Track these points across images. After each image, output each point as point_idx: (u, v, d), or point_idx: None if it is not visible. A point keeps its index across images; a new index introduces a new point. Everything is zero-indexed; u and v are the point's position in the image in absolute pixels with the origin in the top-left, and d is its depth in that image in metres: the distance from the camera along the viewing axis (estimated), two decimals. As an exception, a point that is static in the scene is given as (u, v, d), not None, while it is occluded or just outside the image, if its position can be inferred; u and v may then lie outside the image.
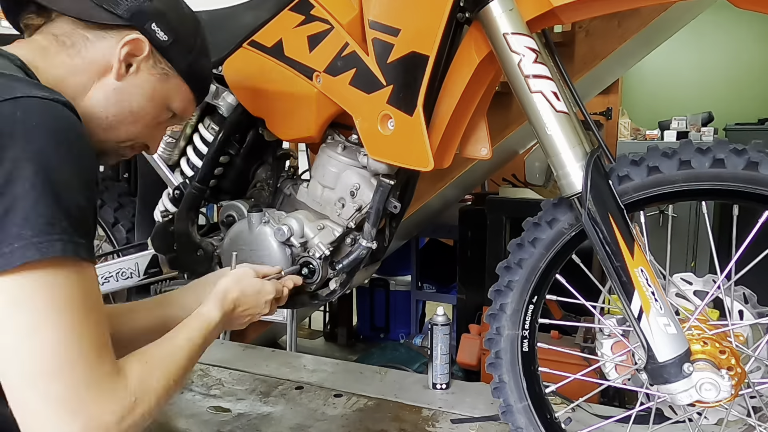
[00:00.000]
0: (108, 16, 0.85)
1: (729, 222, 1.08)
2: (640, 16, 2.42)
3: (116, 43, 0.85)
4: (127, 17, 0.85)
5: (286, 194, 1.41)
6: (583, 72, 2.55)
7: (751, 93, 5.09)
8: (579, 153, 1.02)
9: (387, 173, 1.20)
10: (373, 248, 1.26)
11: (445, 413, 1.62)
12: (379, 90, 1.11)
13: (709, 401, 1.01)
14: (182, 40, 0.93)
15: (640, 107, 5.32)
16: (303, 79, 1.19)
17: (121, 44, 0.85)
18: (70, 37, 0.84)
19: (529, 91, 1.01)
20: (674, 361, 0.99)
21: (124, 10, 0.85)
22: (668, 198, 1.07)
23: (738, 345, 1.06)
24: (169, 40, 0.90)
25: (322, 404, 1.67)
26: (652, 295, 1.00)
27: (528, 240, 1.18)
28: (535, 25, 1.04)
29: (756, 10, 0.95)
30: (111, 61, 0.86)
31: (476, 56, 1.08)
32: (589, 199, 1.01)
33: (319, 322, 4.04)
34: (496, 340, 1.24)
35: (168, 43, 0.90)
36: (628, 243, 1.01)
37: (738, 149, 1.01)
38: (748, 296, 1.15)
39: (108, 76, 0.86)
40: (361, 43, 1.14)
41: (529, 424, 1.23)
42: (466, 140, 1.22)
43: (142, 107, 0.91)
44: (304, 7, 1.19)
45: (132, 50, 0.86)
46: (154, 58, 0.90)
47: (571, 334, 2.23)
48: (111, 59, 0.85)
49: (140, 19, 0.87)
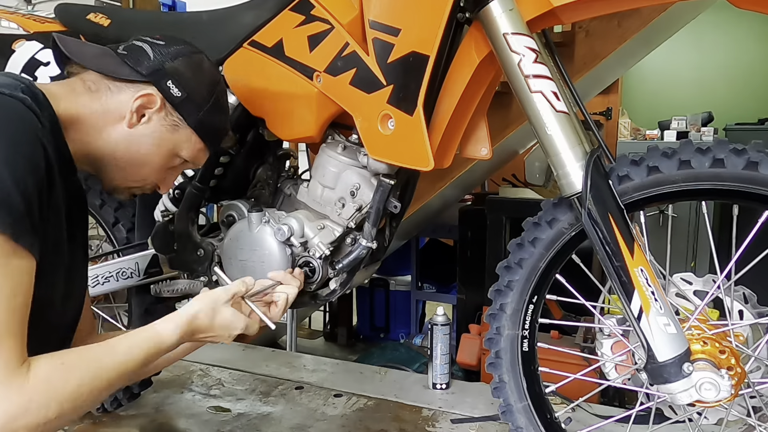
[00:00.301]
0: (130, 73, 0.97)
1: (729, 222, 1.08)
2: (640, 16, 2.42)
3: (132, 95, 0.96)
4: (146, 74, 0.97)
5: (286, 194, 1.41)
6: (583, 72, 2.55)
7: (751, 93, 5.09)
8: (579, 153, 1.02)
9: (387, 173, 1.20)
10: (373, 248, 1.26)
11: (445, 413, 1.62)
12: (380, 90, 1.11)
13: (709, 401, 1.01)
14: (194, 97, 1.02)
15: (640, 107, 5.32)
16: (303, 79, 1.19)
17: (135, 97, 0.96)
18: (96, 84, 0.96)
19: (529, 91, 1.02)
20: (674, 361, 1.00)
21: (144, 68, 0.97)
22: (668, 198, 1.07)
23: (738, 345, 1.06)
24: (182, 96, 1.00)
25: (322, 404, 1.67)
26: (652, 295, 1.00)
27: (528, 240, 1.18)
28: (535, 25, 1.04)
29: (756, 10, 0.95)
30: (124, 111, 0.96)
31: (476, 56, 1.08)
32: (589, 198, 1.01)
33: (319, 322, 4.04)
34: (496, 340, 1.24)
35: (180, 99, 1.00)
36: (628, 243, 1.01)
37: (738, 149, 1.01)
38: (748, 296, 1.15)
39: (121, 123, 0.96)
40: (362, 43, 1.14)
41: (529, 424, 1.23)
42: (466, 140, 1.22)
43: (151, 153, 1.00)
44: (305, 7, 1.19)
45: (144, 103, 0.97)
46: (165, 110, 1.00)
47: (571, 334, 2.23)
48: (125, 109, 0.96)
49: (157, 77, 0.98)
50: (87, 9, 1.44)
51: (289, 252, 1.27)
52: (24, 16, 1.49)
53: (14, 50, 1.42)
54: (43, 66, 1.40)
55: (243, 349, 2.11)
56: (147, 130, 0.99)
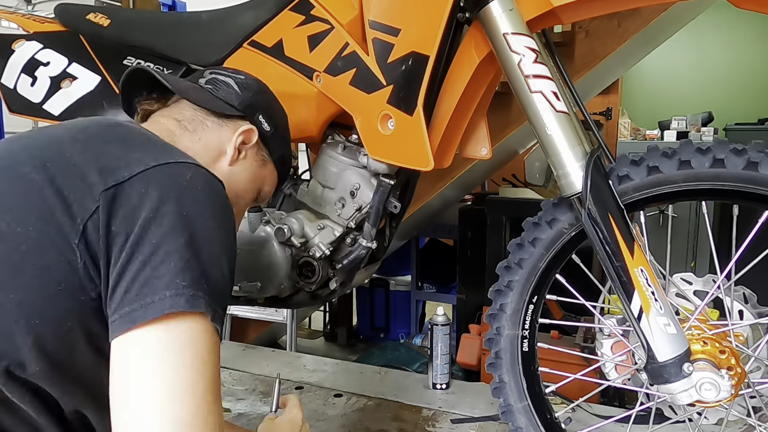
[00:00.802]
0: (226, 107, 0.95)
1: (729, 222, 1.08)
2: (640, 16, 2.42)
3: (232, 132, 0.94)
4: (241, 109, 0.96)
5: (286, 194, 1.41)
6: (583, 72, 2.55)
7: (751, 93, 5.09)
8: (579, 153, 1.02)
9: (387, 173, 1.20)
10: (373, 248, 1.26)
11: (445, 413, 1.62)
12: (379, 90, 1.11)
13: (709, 401, 1.01)
14: (281, 131, 1.04)
15: (640, 107, 5.32)
16: (303, 79, 1.19)
17: (238, 133, 0.94)
18: (191, 122, 0.92)
19: (529, 91, 1.01)
20: (674, 361, 0.99)
21: (238, 102, 0.96)
22: (668, 198, 1.07)
23: (738, 345, 1.06)
24: (271, 131, 1.01)
25: (322, 404, 1.67)
26: (652, 295, 1.00)
27: (528, 240, 1.18)
28: (535, 25, 1.04)
29: (756, 10, 0.95)
30: (226, 147, 0.94)
31: (476, 56, 1.08)
32: (589, 199, 1.01)
33: (319, 322, 4.04)
34: (496, 340, 1.24)
35: (270, 133, 1.01)
36: (628, 243, 1.01)
37: (738, 149, 1.01)
38: (748, 296, 1.15)
39: (222, 161, 0.94)
40: (362, 43, 1.14)
41: (529, 424, 1.23)
42: (466, 140, 1.22)
43: (246, 190, 1.00)
44: (305, 7, 1.19)
45: (245, 139, 0.96)
46: (258, 146, 0.99)
47: (571, 334, 2.23)
48: (226, 146, 0.94)
49: (251, 111, 0.98)
50: (87, 9, 1.44)
51: (289, 252, 1.27)
52: (24, 16, 1.49)
53: (14, 50, 1.42)
54: (43, 66, 1.40)
55: (243, 349, 2.11)
56: (244, 167, 0.97)
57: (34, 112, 1.41)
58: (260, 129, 0.98)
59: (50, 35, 1.43)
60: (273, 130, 1.01)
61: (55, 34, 1.44)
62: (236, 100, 0.97)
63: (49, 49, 1.41)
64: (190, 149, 0.87)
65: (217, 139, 0.93)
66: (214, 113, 0.94)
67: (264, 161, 1.01)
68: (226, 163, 0.94)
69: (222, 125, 0.94)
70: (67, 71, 1.39)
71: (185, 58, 1.35)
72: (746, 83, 5.12)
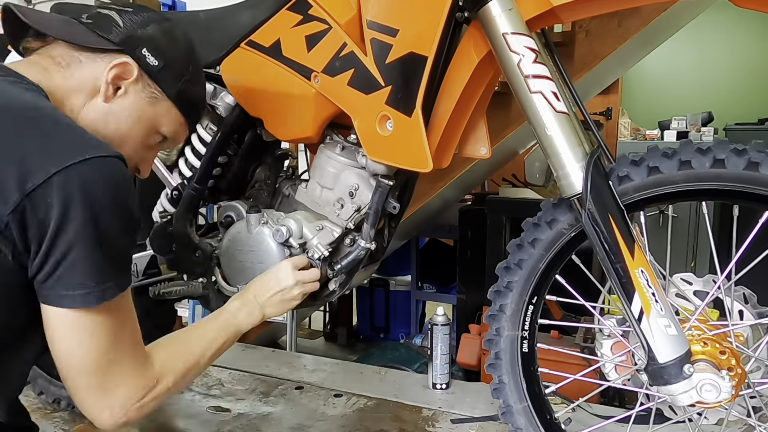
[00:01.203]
0: (99, 41, 0.90)
1: (729, 222, 1.07)
2: (640, 16, 2.42)
3: (105, 66, 0.90)
4: (117, 42, 0.91)
5: (284, 195, 1.41)
6: (583, 72, 2.54)
7: (751, 93, 5.09)
8: (579, 153, 1.01)
9: (386, 174, 1.20)
10: (372, 249, 1.26)
11: (445, 413, 1.62)
12: (378, 90, 1.11)
13: (709, 402, 1.00)
14: (173, 66, 0.97)
15: (640, 107, 5.31)
16: (301, 79, 1.19)
17: (109, 67, 0.90)
18: (65, 58, 0.90)
19: (528, 91, 1.01)
20: (675, 363, 0.99)
21: (115, 35, 0.91)
22: (668, 198, 1.07)
23: (738, 345, 1.06)
24: (159, 65, 0.94)
25: (322, 404, 1.67)
26: (653, 296, 0.99)
27: (528, 240, 1.18)
28: (535, 24, 1.04)
29: (756, 10, 0.95)
30: (99, 83, 0.90)
31: (475, 56, 1.07)
32: (589, 199, 1.00)
33: (319, 322, 4.04)
34: (495, 341, 1.24)
35: (158, 68, 0.94)
36: (628, 243, 1.00)
37: (738, 149, 1.00)
38: (748, 296, 1.15)
39: (97, 98, 0.91)
40: (360, 44, 1.13)
41: (528, 425, 1.23)
42: (465, 140, 1.22)
43: (130, 129, 0.95)
44: (302, 7, 1.19)
45: (120, 73, 0.91)
46: (143, 81, 0.94)
47: (571, 335, 2.22)
48: (100, 81, 0.90)
49: (131, 45, 0.92)
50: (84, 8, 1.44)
51: (288, 253, 1.26)
52: (22, 17, 1.49)
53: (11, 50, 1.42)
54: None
55: (243, 349, 2.11)
56: (124, 104, 0.92)
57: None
58: (143, 63, 0.92)
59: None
60: (162, 64, 0.94)
61: (53, 34, 1.43)
62: (115, 33, 0.91)
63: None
64: (64, 86, 0.88)
65: (90, 74, 0.90)
66: (88, 48, 0.90)
67: (155, 98, 0.96)
68: (102, 99, 0.90)
69: (96, 60, 0.90)
70: (65, 71, 1.39)
71: (184, 58, 1.34)
72: (746, 83, 5.12)
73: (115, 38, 0.91)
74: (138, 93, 0.94)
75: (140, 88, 0.94)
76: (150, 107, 0.96)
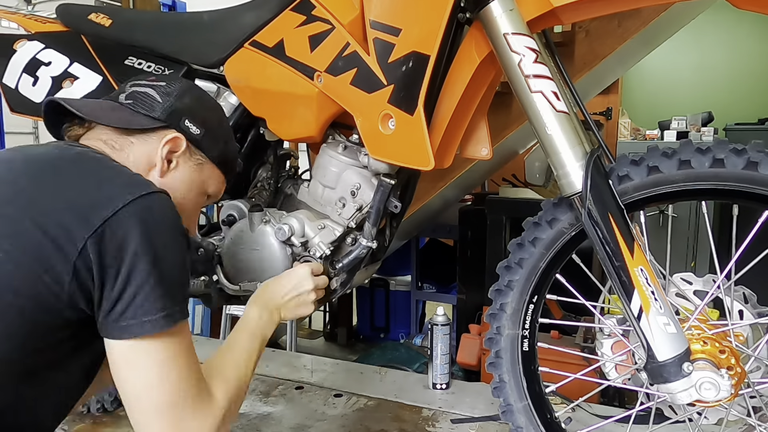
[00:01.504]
0: (147, 121, 0.95)
1: (729, 222, 1.08)
2: (640, 16, 2.42)
3: (158, 143, 0.95)
4: (163, 118, 0.96)
5: (286, 194, 1.41)
6: (583, 72, 2.55)
7: (751, 93, 5.09)
8: (579, 153, 1.02)
9: (388, 173, 1.20)
10: (373, 248, 1.26)
11: (445, 413, 1.62)
12: (380, 90, 1.11)
13: (708, 401, 1.01)
14: (212, 130, 1.02)
15: (640, 107, 5.32)
16: (304, 79, 1.20)
17: (163, 144, 0.95)
18: (117, 142, 0.94)
19: (529, 91, 1.02)
20: (674, 361, 1.00)
21: (160, 112, 0.96)
22: (668, 198, 1.07)
23: (738, 345, 1.06)
24: (201, 133, 1.00)
25: (322, 404, 1.68)
26: (652, 295, 1.00)
27: (528, 240, 1.18)
28: (536, 25, 1.04)
29: (756, 11, 0.95)
30: (154, 160, 0.95)
31: (477, 56, 1.08)
32: (589, 198, 1.01)
33: (319, 322, 4.04)
34: (496, 340, 1.24)
35: (201, 135, 1.00)
36: (628, 243, 1.01)
37: (738, 149, 1.01)
38: (748, 296, 1.16)
39: (152, 174, 0.95)
40: (362, 43, 1.14)
41: (529, 424, 1.23)
42: (466, 140, 1.22)
43: (184, 197, 1.00)
44: (306, 7, 1.19)
45: (172, 148, 0.96)
46: (189, 151, 0.99)
47: (571, 334, 2.23)
48: (154, 158, 0.95)
49: (175, 119, 0.97)
50: (88, 9, 1.44)
51: (290, 252, 1.27)
52: (25, 17, 1.50)
53: (16, 50, 1.43)
54: (44, 66, 1.40)
55: (243, 348, 2.11)
56: (177, 175, 0.98)
57: (36, 111, 1.42)
58: (188, 134, 0.98)
59: (52, 35, 1.43)
60: (203, 131, 1.00)
61: (57, 34, 1.44)
62: (157, 110, 0.96)
63: (51, 49, 1.41)
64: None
65: (145, 153, 0.94)
66: (137, 130, 0.95)
67: (201, 164, 1.01)
68: (157, 175, 0.95)
69: (146, 140, 0.95)
70: (68, 71, 1.39)
71: (186, 58, 1.35)
72: (746, 83, 5.12)
73: (161, 115, 0.96)
74: (186, 162, 0.99)
75: (188, 158, 0.99)
76: (198, 174, 1.01)
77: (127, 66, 1.38)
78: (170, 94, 0.98)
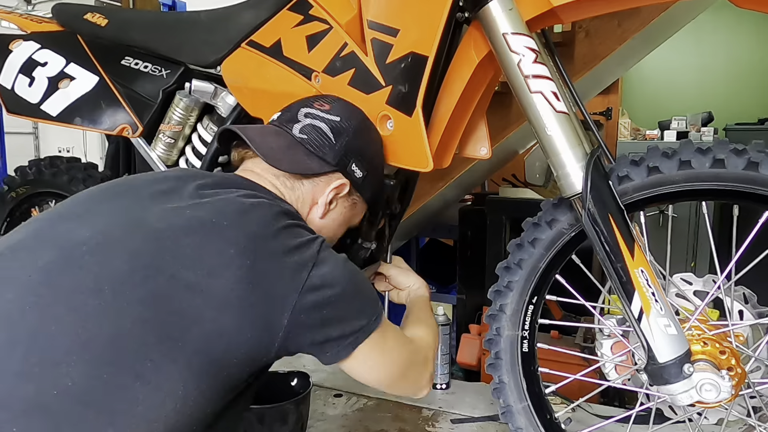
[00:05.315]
0: (319, 166, 0.99)
1: (729, 222, 1.07)
2: (640, 16, 2.41)
3: (325, 187, 1.00)
4: (334, 163, 1.00)
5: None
6: (583, 72, 2.54)
7: (751, 93, 5.08)
8: (579, 153, 1.01)
9: (386, 173, 1.20)
10: (372, 248, 1.26)
11: (445, 413, 1.62)
12: (378, 90, 1.11)
13: (709, 402, 1.00)
14: (372, 172, 1.07)
15: (640, 107, 5.31)
16: (302, 79, 1.19)
17: (330, 190, 1.00)
18: (289, 181, 0.99)
19: (528, 91, 1.01)
20: (674, 362, 0.99)
21: (330, 155, 1.00)
22: (668, 198, 1.07)
23: (738, 345, 1.06)
24: (363, 175, 1.04)
25: (322, 404, 1.67)
26: (653, 296, 0.99)
27: (528, 240, 1.18)
28: (535, 24, 1.04)
29: (756, 10, 0.95)
30: (317, 200, 1.00)
31: (476, 56, 1.07)
32: (589, 199, 1.00)
33: (319, 322, 4.03)
34: (495, 341, 1.24)
35: (362, 178, 1.04)
36: (628, 243, 1.00)
37: (738, 149, 1.00)
38: (748, 296, 1.15)
39: (314, 213, 1.01)
40: (360, 44, 1.13)
41: (529, 425, 1.23)
42: (465, 140, 1.22)
43: (335, 233, 1.07)
44: (303, 7, 1.19)
45: (337, 192, 1.01)
46: (350, 192, 1.04)
47: (571, 334, 2.22)
48: (318, 199, 1.00)
49: (344, 164, 1.01)
50: (84, 9, 1.44)
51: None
52: (21, 16, 1.49)
53: (11, 50, 1.42)
54: (40, 66, 1.39)
55: (242, 349, 2.10)
56: (333, 215, 1.03)
57: (32, 112, 1.41)
58: (351, 178, 1.02)
59: (48, 35, 1.43)
60: (365, 174, 1.04)
61: (53, 34, 1.44)
62: (330, 153, 0.99)
63: (47, 49, 1.41)
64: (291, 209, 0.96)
65: (311, 193, 1.00)
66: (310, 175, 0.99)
67: (354, 204, 1.06)
68: (318, 216, 1.00)
69: (316, 182, 1.00)
70: (64, 71, 1.39)
71: (183, 58, 1.35)
72: (746, 83, 5.12)
73: (332, 159, 0.99)
74: (343, 203, 1.04)
75: (346, 198, 1.04)
76: (350, 212, 1.07)
77: (124, 66, 1.38)
78: (342, 133, 1.01)
